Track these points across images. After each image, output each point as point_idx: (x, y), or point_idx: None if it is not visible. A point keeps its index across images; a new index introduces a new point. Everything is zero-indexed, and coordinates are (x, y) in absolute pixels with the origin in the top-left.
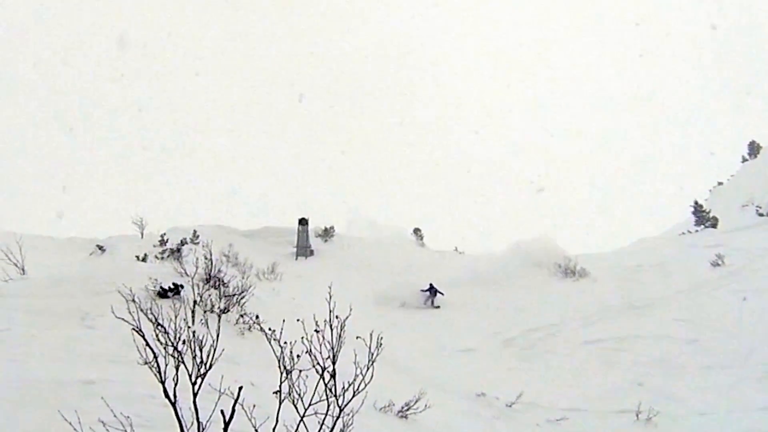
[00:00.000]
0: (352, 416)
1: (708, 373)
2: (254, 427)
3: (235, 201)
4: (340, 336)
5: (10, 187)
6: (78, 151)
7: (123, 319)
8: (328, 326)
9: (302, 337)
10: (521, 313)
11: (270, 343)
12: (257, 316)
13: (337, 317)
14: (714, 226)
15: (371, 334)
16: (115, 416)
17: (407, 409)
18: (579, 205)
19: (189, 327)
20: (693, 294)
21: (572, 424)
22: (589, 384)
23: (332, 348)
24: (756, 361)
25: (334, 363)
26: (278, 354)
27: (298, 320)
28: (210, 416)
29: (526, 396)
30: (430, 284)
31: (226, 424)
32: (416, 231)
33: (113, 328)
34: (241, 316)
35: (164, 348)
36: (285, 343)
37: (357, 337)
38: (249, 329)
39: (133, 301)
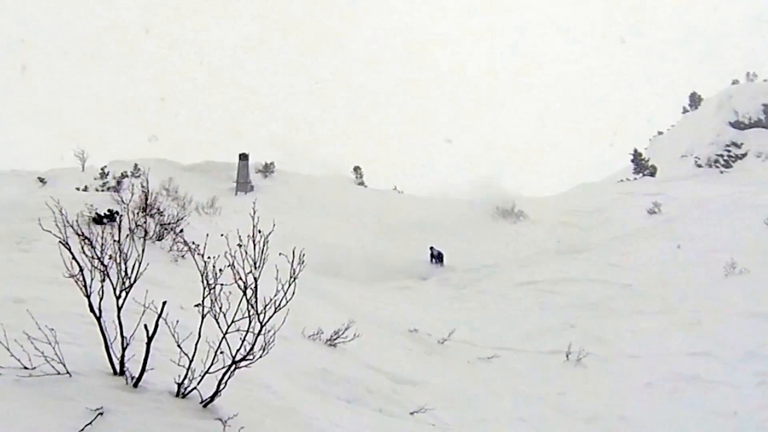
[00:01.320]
0: (274, 333)
1: (639, 317)
2: (177, 343)
3: (177, 135)
4: (263, 251)
5: None
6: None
7: (50, 231)
8: (251, 241)
9: (225, 252)
10: (458, 254)
11: (194, 257)
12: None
13: (260, 231)
14: (652, 174)
15: (293, 250)
16: (40, 329)
17: (336, 338)
18: (524, 150)
19: (115, 241)
20: (629, 240)
21: (503, 361)
22: (522, 324)
23: (254, 263)
24: (686, 308)
25: (256, 279)
26: (201, 268)
27: (222, 235)
28: (134, 332)
29: (459, 334)
30: (431, 249)
31: (149, 339)
32: (356, 169)
33: (48, 252)
34: (175, 242)
35: (90, 261)
36: (209, 257)
37: (279, 254)
38: (183, 257)
39: (70, 225)
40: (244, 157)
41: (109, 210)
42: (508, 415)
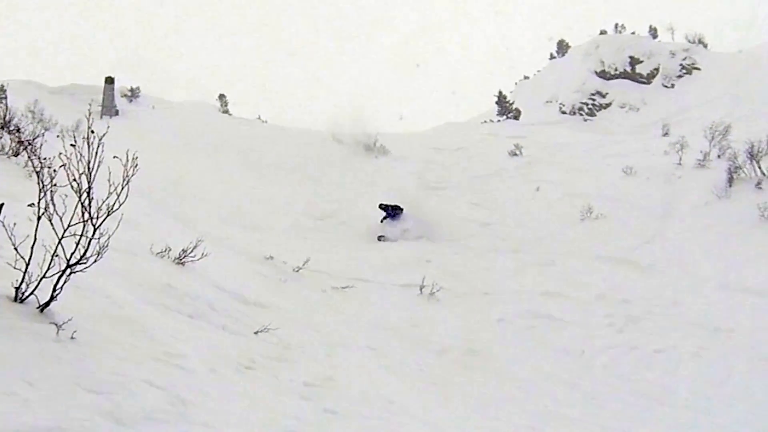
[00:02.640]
0: (108, 238)
1: (495, 255)
2: (13, 245)
3: (45, 56)
4: (97, 153)
5: None
6: None
7: None
8: (85, 143)
9: (60, 153)
10: (318, 187)
11: (30, 159)
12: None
13: (92, 131)
14: (516, 118)
15: (127, 153)
16: None
17: (184, 256)
18: (391, 85)
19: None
20: (489, 180)
21: (357, 291)
22: (378, 257)
23: (88, 163)
24: (542, 249)
25: (89, 181)
26: (37, 167)
27: (57, 135)
28: None
29: (315, 264)
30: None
31: None
32: (221, 97)
33: None
34: (30, 159)
35: None
36: (45, 158)
37: (114, 157)
38: (37, 173)
39: None
40: (110, 80)
41: None
42: (357, 343)
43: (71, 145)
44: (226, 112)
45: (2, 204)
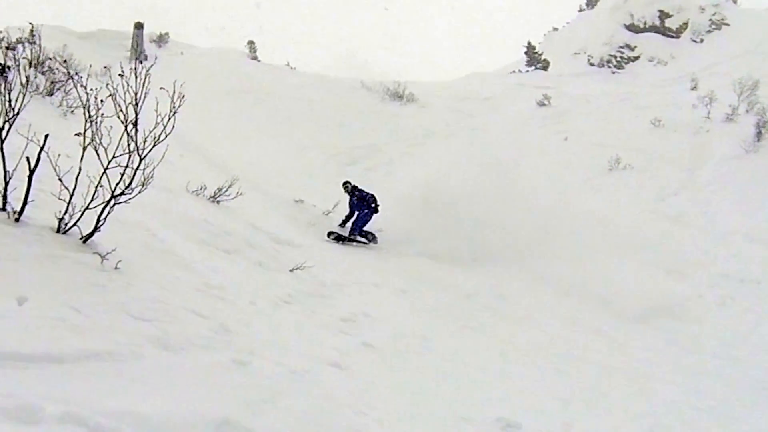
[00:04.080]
0: (153, 169)
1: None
2: (58, 177)
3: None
4: (144, 84)
5: None
6: None
7: None
8: (132, 75)
9: (107, 84)
10: (347, 133)
11: (76, 89)
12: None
13: (141, 62)
14: (545, 69)
15: (174, 83)
16: None
17: (219, 195)
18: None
19: (9, 69)
20: (517, 129)
21: (387, 235)
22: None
23: (135, 95)
24: (569, 199)
25: (136, 112)
26: (83, 99)
27: (105, 67)
28: (16, 165)
29: (343, 207)
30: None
31: (31, 171)
32: (250, 43)
33: None
34: (64, 99)
35: None
36: (91, 89)
37: (161, 88)
38: (72, 112)
39: None
40: (139, 26)
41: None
42: (389, 285)
43: (119, 75)
44: (254, 59)
45: (47, 135)
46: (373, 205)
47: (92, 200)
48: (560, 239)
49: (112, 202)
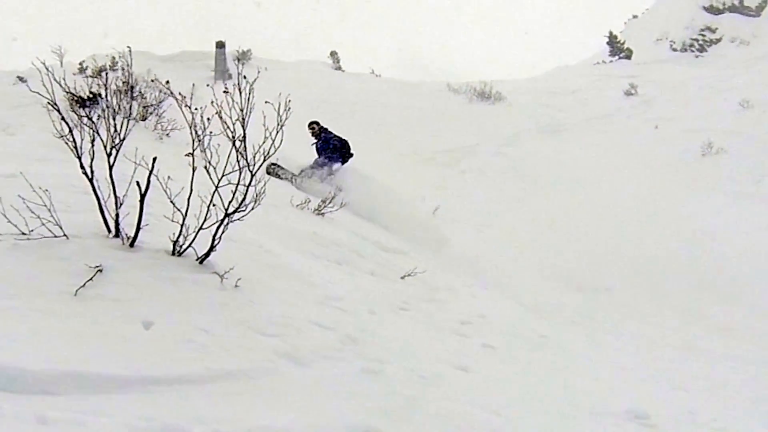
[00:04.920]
0: (264, 184)
1: (623, 198)
2: (169, 199)
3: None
4: (249, 100)
5: None
6: None
7: (39, 93)
8: (236, 89)
9: (212, 101)
10: (439, 135)
11: (181, 109)
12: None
13: (245, 77)
14: (628, 57)
15: (279, 95)
16: (34, 190)
17: (323, 207)
18: (499, 33)
19: (101, 97)
20: (606, 120)
21: (491, 230)
22: (504, 198)
23: (242, 110)
24: (666, 186)
25: (244, 127)
26: (189, 120)
27: (207, 85)
28: (127, 190)
29: (444, 211)
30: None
31: (143, 195)
32: (333, 54)
33: (35, 135)
34: (159, 122)
35: (79, 120)
36: (196, 109)
37: (266, 101)
38: (167, 135)
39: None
40: (220, 45)
41: (92, 92)
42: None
43: (224, 91)
44: (338, 69)
45: (155, 158)
46: (339, 153)
47: (205, 220)
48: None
49: (226, 220)
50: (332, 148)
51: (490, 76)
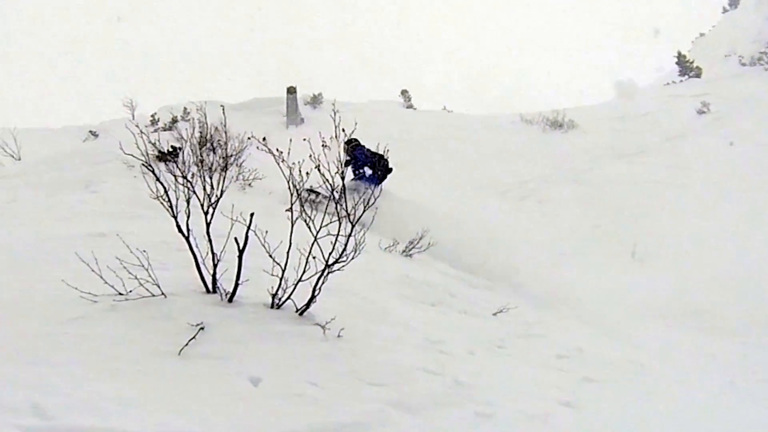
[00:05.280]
0: (364, 233)
1: (692, 217)
2: (268, 253)
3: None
4: (346, 151)
5: None
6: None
7: (131, 154)
8: (334, 140)
9: (309, 155)
10: (514, 166)
11: (279, 164)
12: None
13: (343, 130)
14: (698, 76)
15: (377, 145)
16: (131, 251)
17: (411, 248)
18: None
19: (195, 154)
20: (680, 141)
21: (582, 262)
22: (583, 228)
23: (340, 162)
24: (746, 200)
25: (343, 178)
26: (287, 174)
27: (304, 139)
28: (224, 245)
29: (523, 242)
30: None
31: (241, 251)
32: (404, 93)
33: (118, 191)
34: (240, 172)
35: (174, 180)
36: (294, 163)
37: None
38: (249, 185)
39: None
40: (291, 90)
41: (172, 146)
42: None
43: (323, 146)
44: (410, 107)
45: (252, 213)
46: (372, 170)
47: (304, 272)
48: None
49: (326, 271)
50: (361, 165)
51: (560, 105)
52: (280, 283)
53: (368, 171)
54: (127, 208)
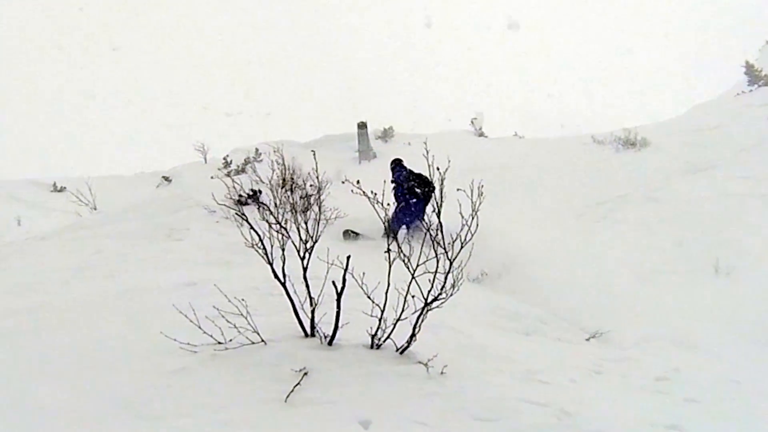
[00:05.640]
0: (461, 269)
1: None
2: (366, 294)
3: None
4: (441, 190)
5: (70, 132)
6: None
7: (226, 205)
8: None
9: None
10: (591, 187)
11: (373, 205)
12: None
13: (438, 169)
14: (767, 84)
15: (472, 182)
16: (229, 300)
17: (498, 278)
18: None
19: (279, 197)
20: (756, 152)
21: (665, 281)
22: (663, 246)
23: (436, 201)
24: None
25: (438, 215)
26: (382, 216)
27: (385, 182)
28: (322, 289)
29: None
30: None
31: (339, 294)
32: (473, 121)
33: (201, 238)
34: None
35: (269, 227)
36: (388, 204)
37: (458, 189)
38: (332, 224)
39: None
40: (362, 125)
41: (252, 189)
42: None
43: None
44: (481, 135)
45: (349, 256)
46: (416, 192)
47: (403, 311)
48: None
49: (425, 309)
50: (408, 190)
51: (629, 123)
52: (379, 324)
53: (418, 222)
54: (214, 255)
